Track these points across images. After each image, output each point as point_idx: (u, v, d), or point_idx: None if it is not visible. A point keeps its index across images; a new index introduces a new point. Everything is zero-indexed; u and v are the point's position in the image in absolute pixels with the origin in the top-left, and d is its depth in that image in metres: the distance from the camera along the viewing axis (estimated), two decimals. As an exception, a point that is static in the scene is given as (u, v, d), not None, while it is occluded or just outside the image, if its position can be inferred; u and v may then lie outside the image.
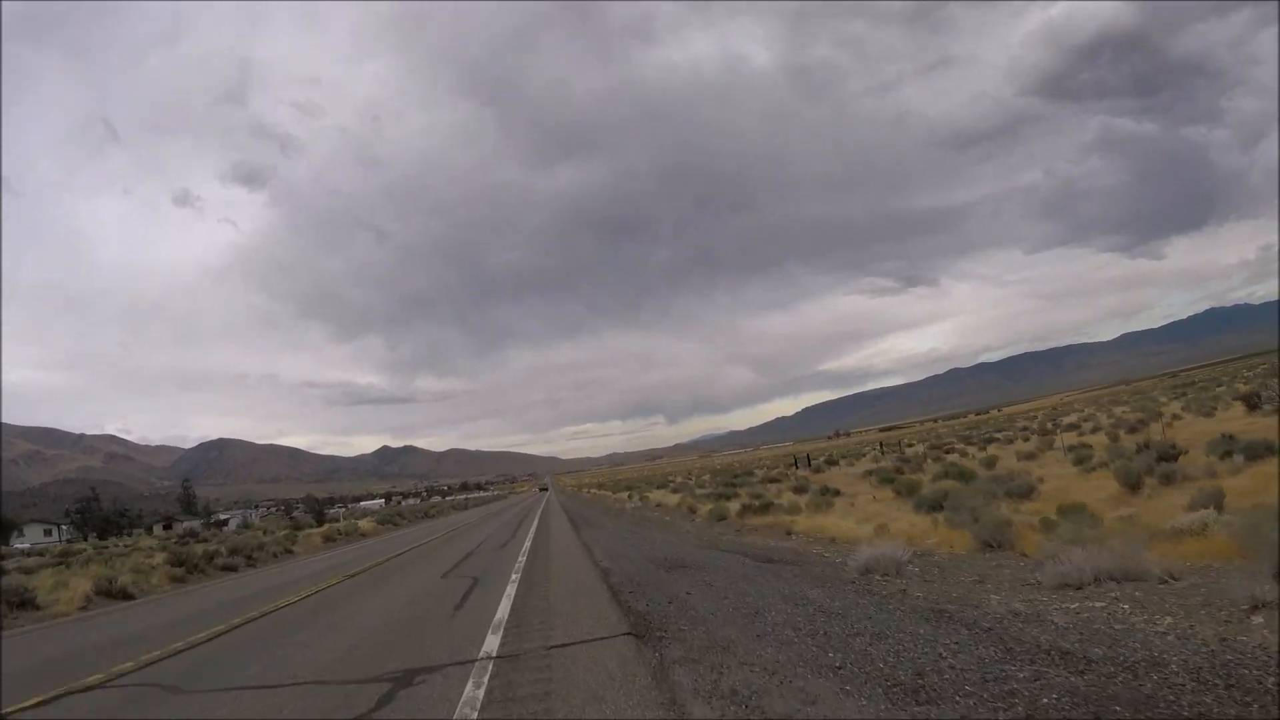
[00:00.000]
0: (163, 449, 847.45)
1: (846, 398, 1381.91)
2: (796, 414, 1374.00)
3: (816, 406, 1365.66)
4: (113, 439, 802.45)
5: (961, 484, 22.12)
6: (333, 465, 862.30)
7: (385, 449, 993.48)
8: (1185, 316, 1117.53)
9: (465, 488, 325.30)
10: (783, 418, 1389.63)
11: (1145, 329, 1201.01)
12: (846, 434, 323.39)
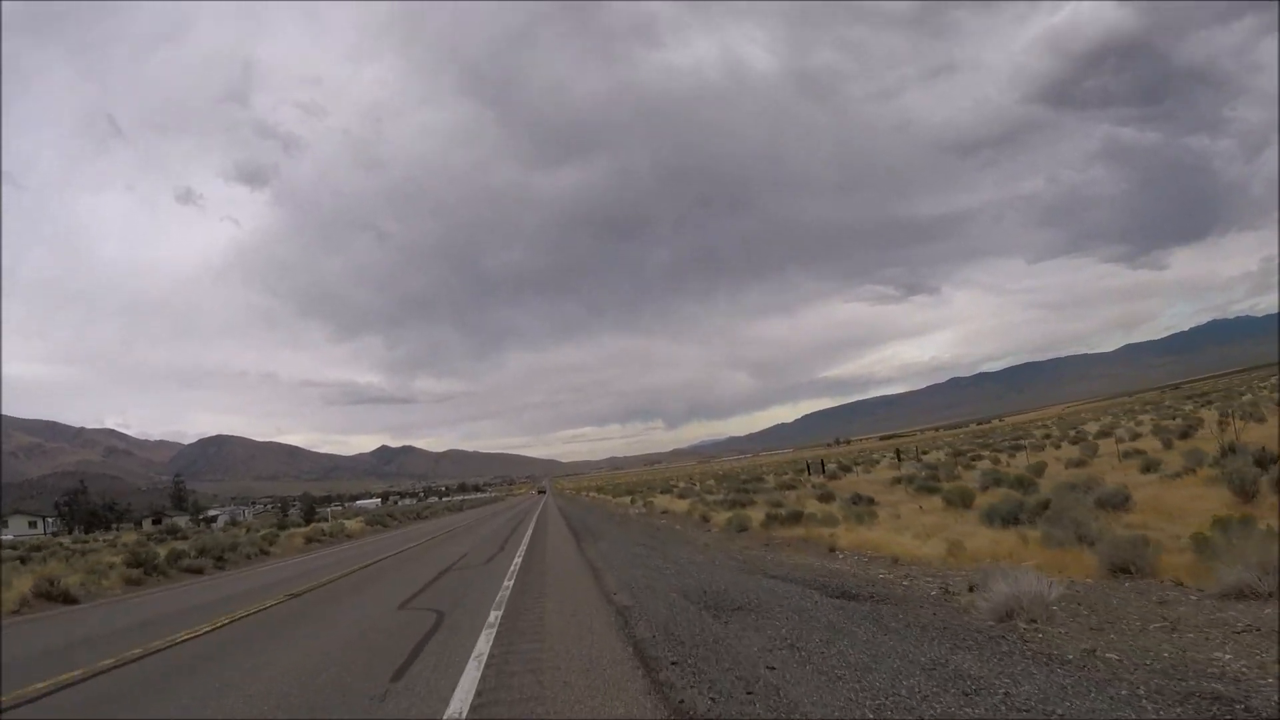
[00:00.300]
0: (162, 444, 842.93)
1: (846, 405, 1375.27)
2: (796, 421, 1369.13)
3: (816, 414, 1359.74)
4: (112, 433, 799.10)
5: (1022, 493, 19.38)
6: (331, 464, 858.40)
7: (384, 448, 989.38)
8: (1187, 328, 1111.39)
9: (463, 489, 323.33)
10: (782, 424, 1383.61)
11: (1147, 340, 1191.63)
12: (847, 441, 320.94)
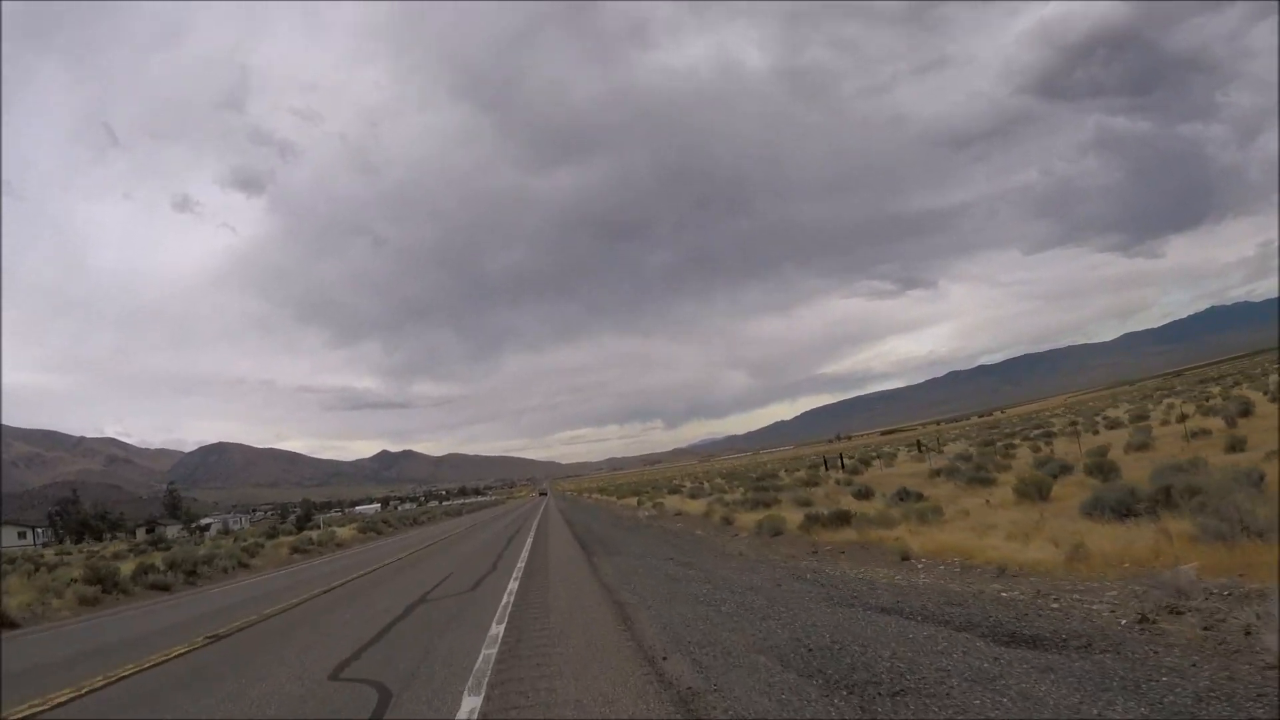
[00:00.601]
0: (163, 452, 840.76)
1: (846, 401, 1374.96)
2: (796, 418, 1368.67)
3: (816, 410, 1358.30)
4: (113, 442, 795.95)
5: (1102, 479, 16.65)
6: (332, 469, 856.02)
7: (384, 453, 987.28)
8: (1185, 315, 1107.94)
9: (463, 492, 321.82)
10: (781, 422, 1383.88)
11: (1145, 329, 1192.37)
12: (847, 438, 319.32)
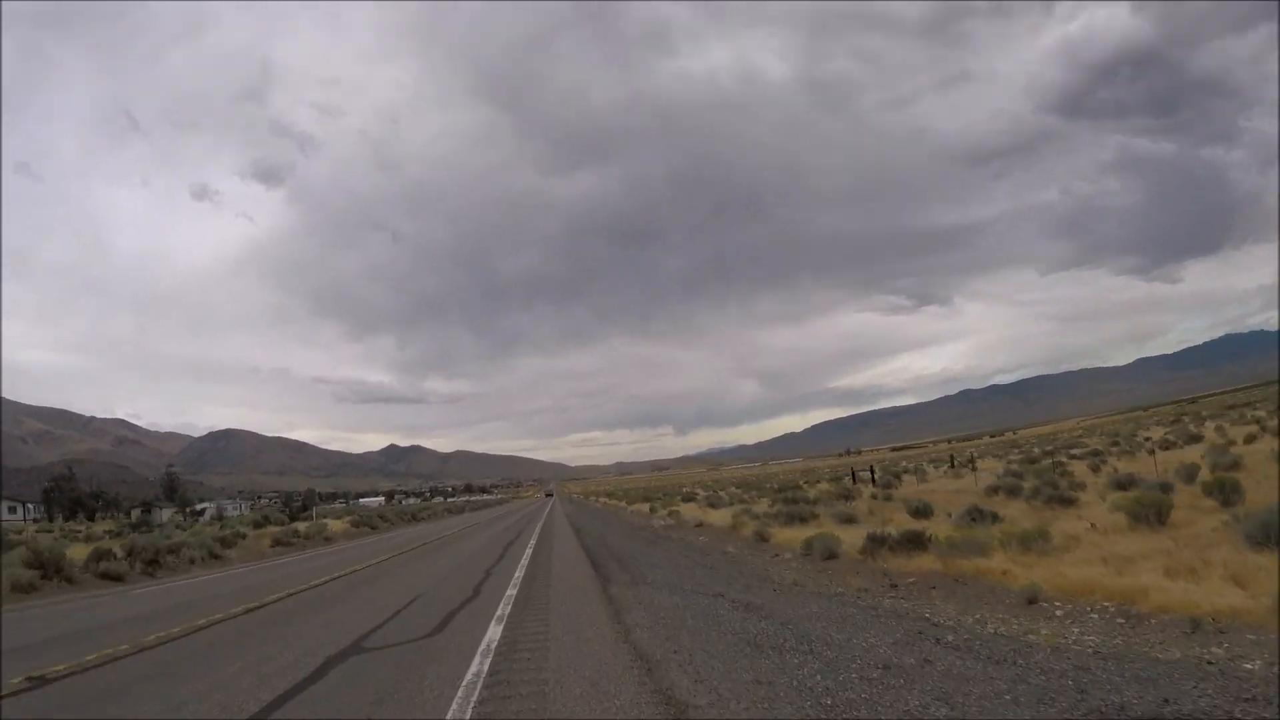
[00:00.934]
0: (172, 435, 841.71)
1: (857, 415, 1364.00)
2: (806, 430, 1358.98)
3: (826, 424, 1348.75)
4: (122, 423, 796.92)
5: (1222, 499, 13.39)
6: (341, 460, 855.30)
7: (393, 447, 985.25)
8: (1201, 342, 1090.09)
9: (469, 490, 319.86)
10: (791, 434, 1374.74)
11: (1160, 354, 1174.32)
12: (858, 452, 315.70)
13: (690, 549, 19.10)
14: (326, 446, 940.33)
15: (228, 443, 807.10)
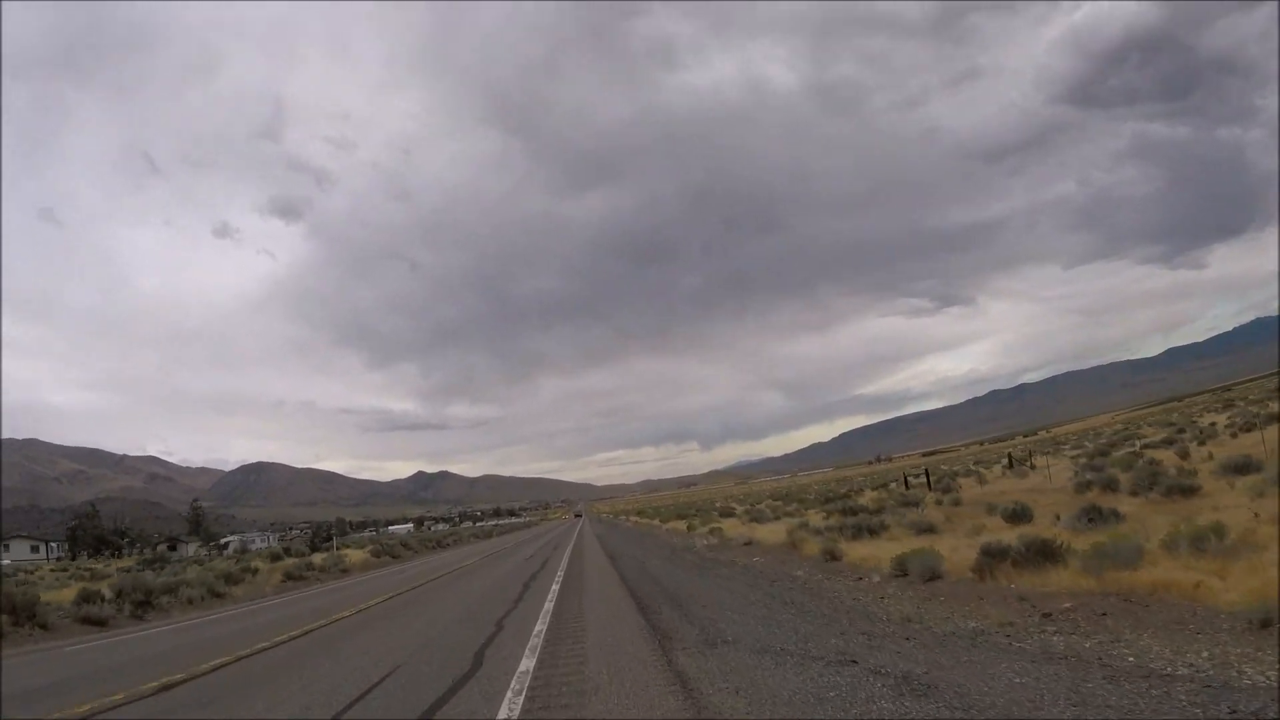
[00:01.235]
0: (204, 470, 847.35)
1: (884, 422, 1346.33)
2: (833, 439, 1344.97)
3: (854, 431, 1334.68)
4: (154, 460, 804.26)
5: None
6: (369, 489, 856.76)
7: (420, 474, 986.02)
8: (1231, 328, 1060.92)
9: (497, 513, 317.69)
10: (819, 443, 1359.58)
11: (1190, 342, 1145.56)
12: (888, 459, 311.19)
13: (752, 575, 15.96)
14: (355, 476, 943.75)
15: (259, 476, 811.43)
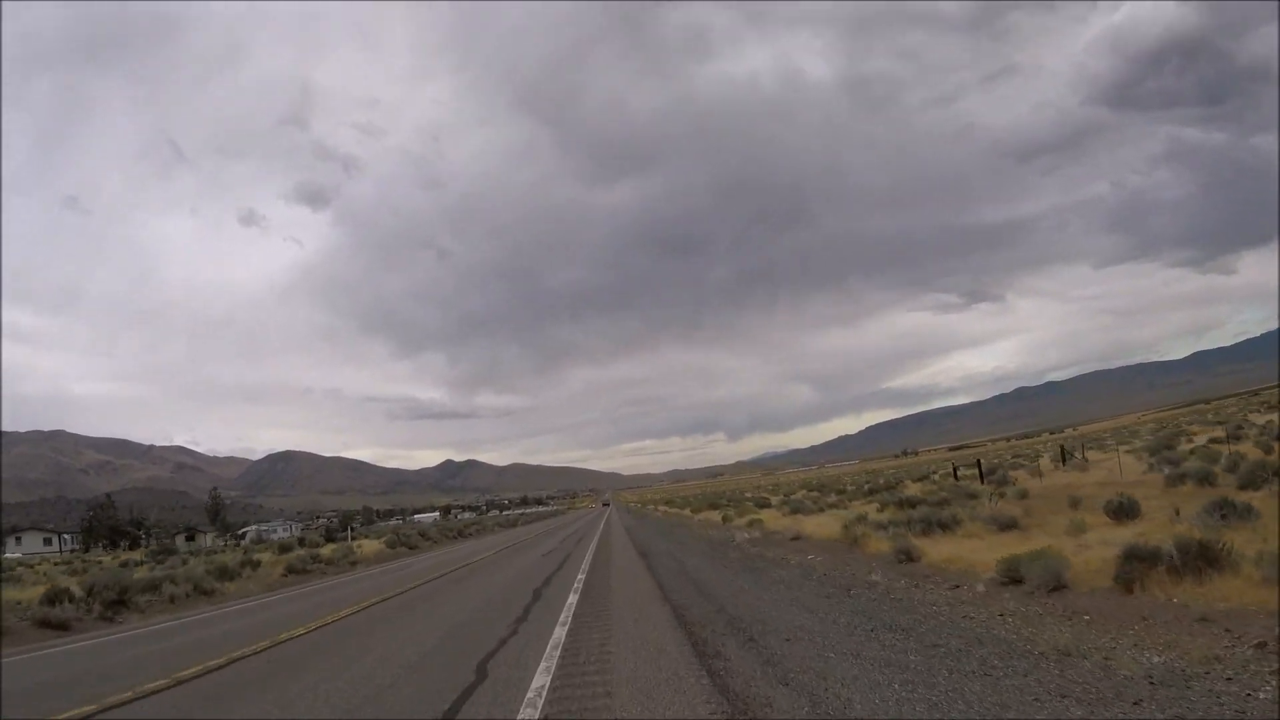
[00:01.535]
0: (232, 460, 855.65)
1: (911, 416, 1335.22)
2: (860, 432, 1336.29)
3: (881, 425, 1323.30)
4: (182, 450, 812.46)
5: None
6: (397, 478, 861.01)
7: (448, 463, 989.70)
8: (1258, 334, 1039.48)
9: (525, 502, 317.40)
10: (846, 436, 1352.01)
11: (1217, 346, 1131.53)
12: (915, 453, 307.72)
13: (819, 581, 12.93)
14: (384, 464, 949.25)
15: (287, 464, 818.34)
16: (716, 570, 16.43)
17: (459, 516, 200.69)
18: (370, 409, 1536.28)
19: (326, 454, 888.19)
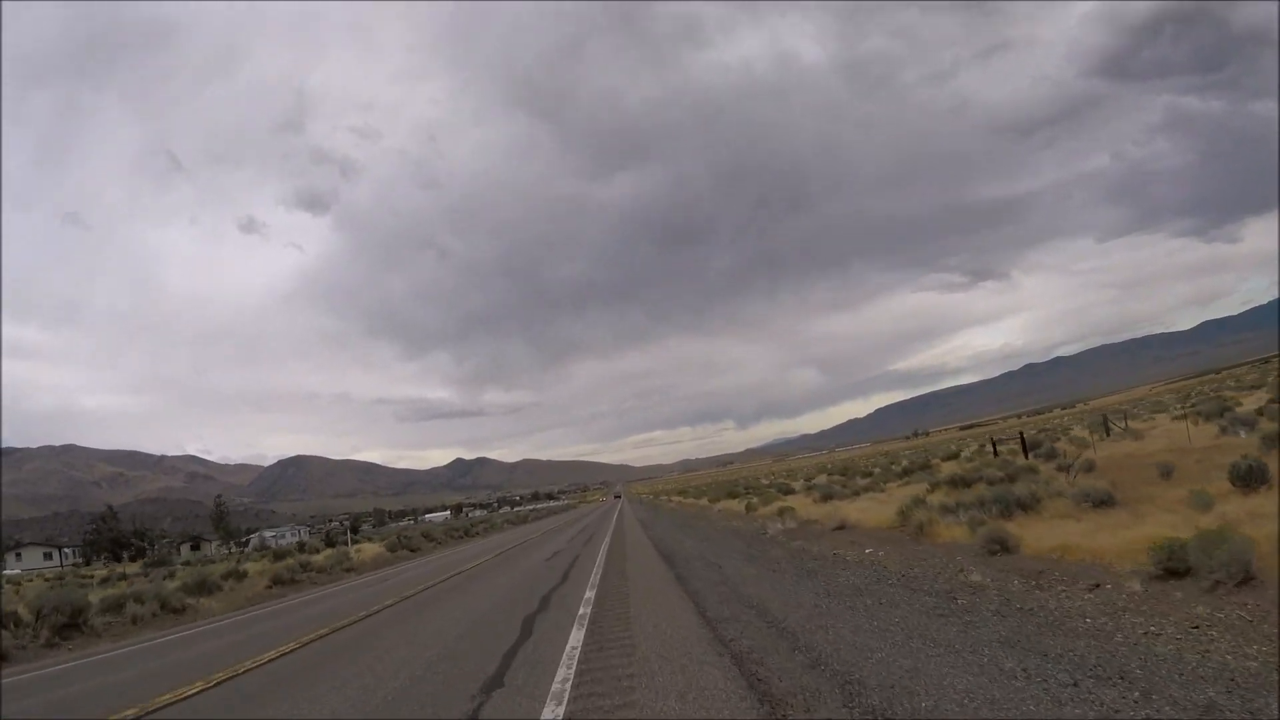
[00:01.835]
0: (243, 467, 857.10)
1: (920, 397, 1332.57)
2: (869, 415, 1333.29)
3: (889, 407, 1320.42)
4: (193, 459, 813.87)
5: None
6: (408, 479, 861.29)
7: (459, 461, 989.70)
8: (1265, 301, 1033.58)
9: (536, 497, 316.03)
10: (855, 419, 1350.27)
11: (1224, 316, 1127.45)
12: (925, 434, 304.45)
13: (900, 585, 9.98)
14: (394, 465, 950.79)
15: (298, 469, 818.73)
16: (767, 578, 12.34)
17: (470, 515, 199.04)
18: (379, 411, 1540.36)
19: (337, 457, 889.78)
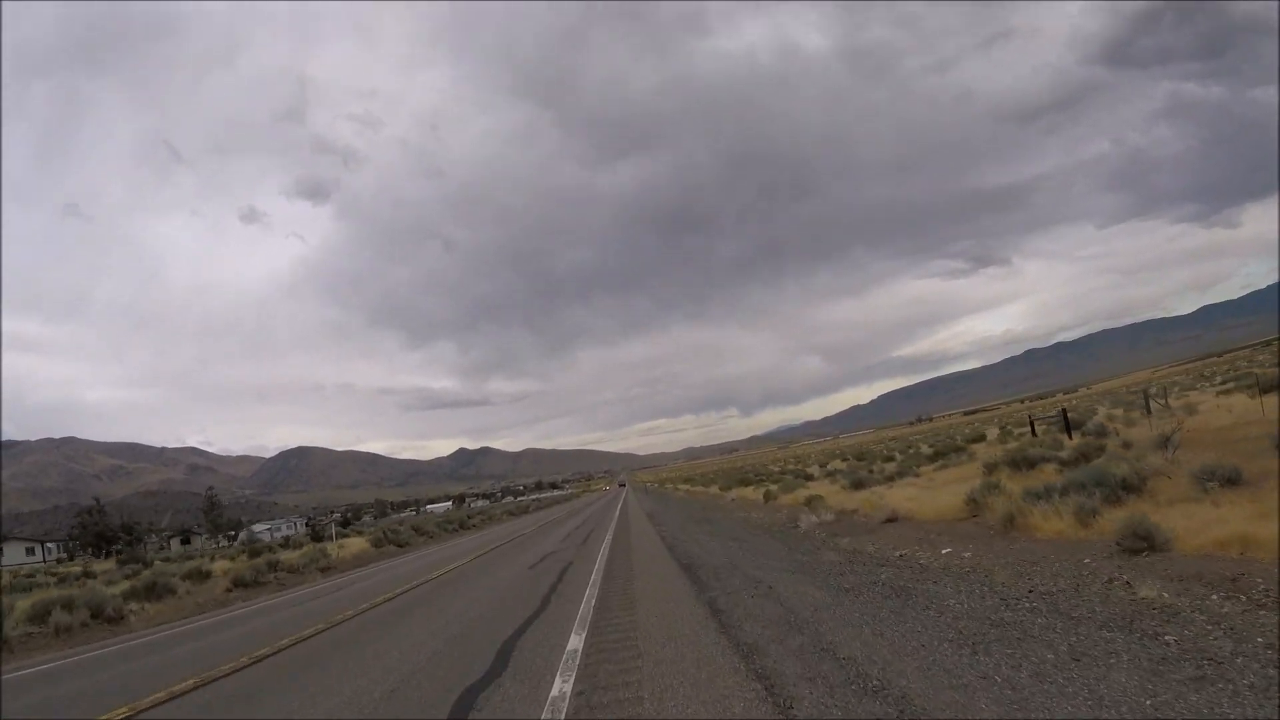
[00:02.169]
0: (245, 459, 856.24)
1: (923, 383, 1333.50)
2: (872, 401, 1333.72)
3: (893, 393, 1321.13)
4: (194, 451, 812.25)
5: None
6: (412, 469, 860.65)
7: (462, 451, 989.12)
8: (1265, 286, 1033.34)
9: (539, 487, 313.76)
10: (858, 406, 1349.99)
11: (1224, 300, 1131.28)
12: (929, 419, 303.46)
13: (1055, 614, 6.45)
14: (398, 456, 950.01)
15: (300, 461, 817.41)
16: (846, 605, 7.87)
17: (472, 505, 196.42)
18: (383, 402, 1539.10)
19: (340, 449, 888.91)
